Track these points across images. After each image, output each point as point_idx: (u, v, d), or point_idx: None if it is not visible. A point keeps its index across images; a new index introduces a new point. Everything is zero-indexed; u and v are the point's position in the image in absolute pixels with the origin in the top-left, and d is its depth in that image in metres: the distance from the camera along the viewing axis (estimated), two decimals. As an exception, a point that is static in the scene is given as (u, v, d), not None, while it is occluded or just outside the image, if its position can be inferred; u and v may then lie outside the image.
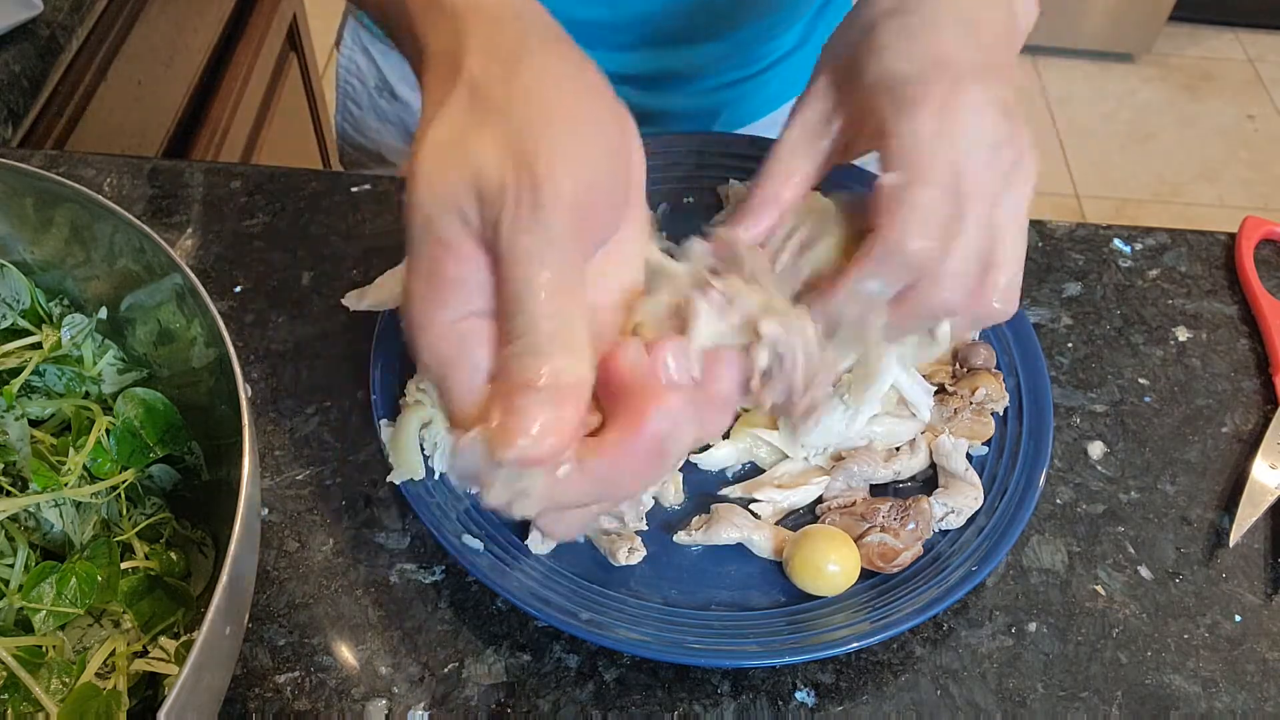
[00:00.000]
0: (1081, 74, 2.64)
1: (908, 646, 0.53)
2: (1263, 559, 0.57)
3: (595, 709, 0.51)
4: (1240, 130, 2.53)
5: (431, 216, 0.35)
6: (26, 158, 0.75)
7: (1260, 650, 0.54)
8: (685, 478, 0.57)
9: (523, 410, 0.34)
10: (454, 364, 0.36)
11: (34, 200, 0.52)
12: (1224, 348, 0.67)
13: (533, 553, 0.54)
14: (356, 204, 0.72)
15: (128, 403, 0.51)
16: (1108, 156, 2.45)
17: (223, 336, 0.46)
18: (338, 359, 0.64)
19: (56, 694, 0.43)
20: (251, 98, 1.31)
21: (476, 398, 0.36)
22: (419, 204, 0.35)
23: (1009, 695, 0.52)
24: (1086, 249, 0.72)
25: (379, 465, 0.59)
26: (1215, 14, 2.75)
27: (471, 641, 0.53)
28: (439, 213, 0.35)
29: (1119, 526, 0.58)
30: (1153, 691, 0.52)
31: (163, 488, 0.52)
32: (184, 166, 0.75)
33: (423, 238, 0.35)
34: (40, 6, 0.88)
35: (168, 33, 1.13)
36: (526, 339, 0.34)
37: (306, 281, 0.68)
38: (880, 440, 0.57)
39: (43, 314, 0.54)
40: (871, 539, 0.53)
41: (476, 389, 0.36)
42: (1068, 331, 0.67)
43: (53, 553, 0.48)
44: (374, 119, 0.90)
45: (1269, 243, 0.73)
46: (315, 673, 0.51)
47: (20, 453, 0.48)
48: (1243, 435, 0.62)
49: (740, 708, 0.51)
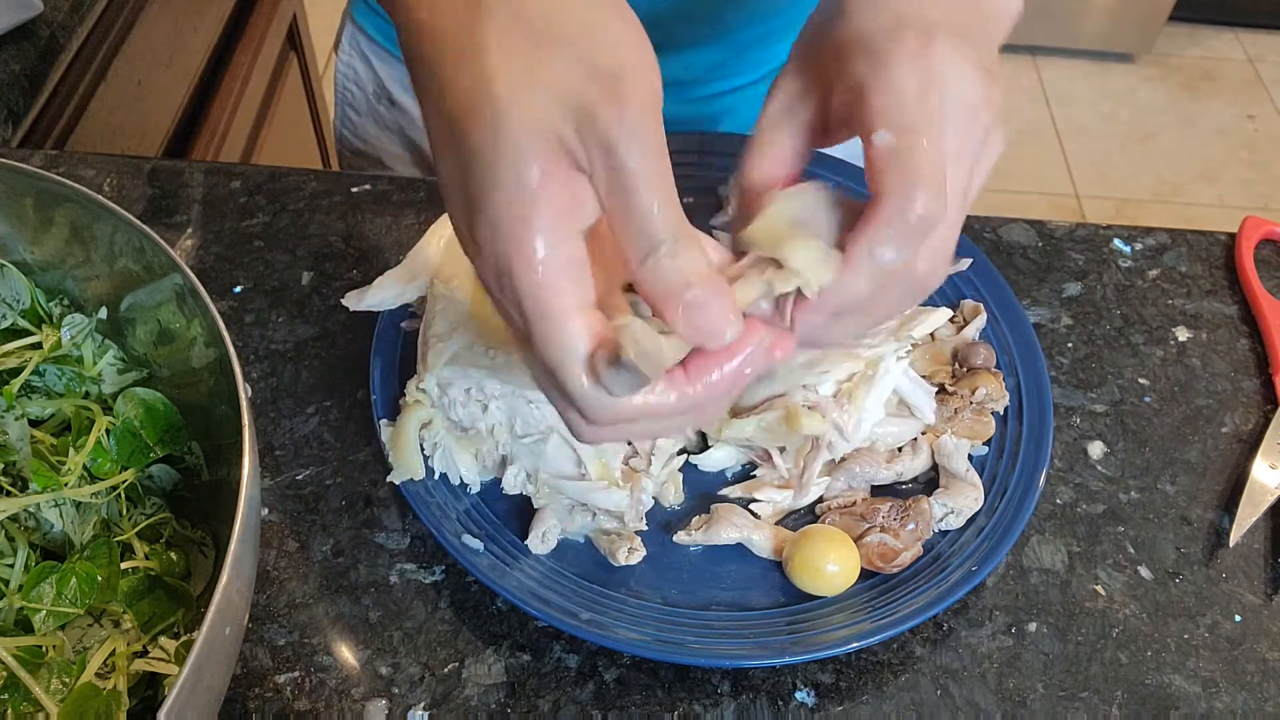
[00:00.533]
0: (1081, 74, 2.64)
1: (908, 646, 0.53)
2: (1263, 559, 0.57)
3: (595, 709, 0.51)
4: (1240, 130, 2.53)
5: (524, 144, 0.35)
6: (26, 158, 0.75)
7: (1260, 650, 0.54)
8: (685, 478, 0.57)
9: (700, 306, 0.35)
10: (568, 292, 0.36)
11: (34, 200, 0.52)
12: (1224, 348, 0.67)
13: (533, 553, 0.54)
14: (356, 204, 0.72)
15: (128, 403, 0.51)
16: (1108, 156, 2.45)
17: (223, 336, 0.46)
18: (338, 359, 0.64)
19: (56, 694, 0.43)
20: (251, 98, 1.31)
21: (590, 322, 0.36)
22: (509, 134, 0.35)
23: (1009, 695, 0.52)
24: (1086, 249, 0.72)
25: (379, 465, 0.59)
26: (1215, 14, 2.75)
27: (471, 641, 0.53)
28: (533, 140, 0.35)
29: (1119, 526, 0.58)
30: (1153, 691, 0.52)
31: (163, 488, 0.52)
32: (184, 166, 0.75)
33: (513, 169, 0.35)
34: (40, 6, 0.88)
35: (168, 33, 1.13)
36: (666, 245, 0.35)
37: (306, 281, 0.68)
38: (882, 441, 0.57)
39: (43, 314, 0.54)
40: (871, 539, 0.53)
41: (591, 315, 0.37)
42: (1068, 331, 0.67)
43: (53, 553, 0.48)
44: (373, 125, 0.90)
45: (1269, 243, 0.73)
46: (315, 673, 0.51)
47: (20, 453, 0.48)
48: (1243, 435, 0.62)
49: (740, 708, 0.51)
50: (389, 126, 0.89)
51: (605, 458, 0.53)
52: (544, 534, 0.54)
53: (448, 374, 0.53)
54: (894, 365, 0.56)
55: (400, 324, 0.61)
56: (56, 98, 0.92)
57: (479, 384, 0.53)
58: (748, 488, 0.57)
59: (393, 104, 0.87)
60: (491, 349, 0.51)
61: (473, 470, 0.56)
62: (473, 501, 0.56)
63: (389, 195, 0.73)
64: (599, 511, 0.54)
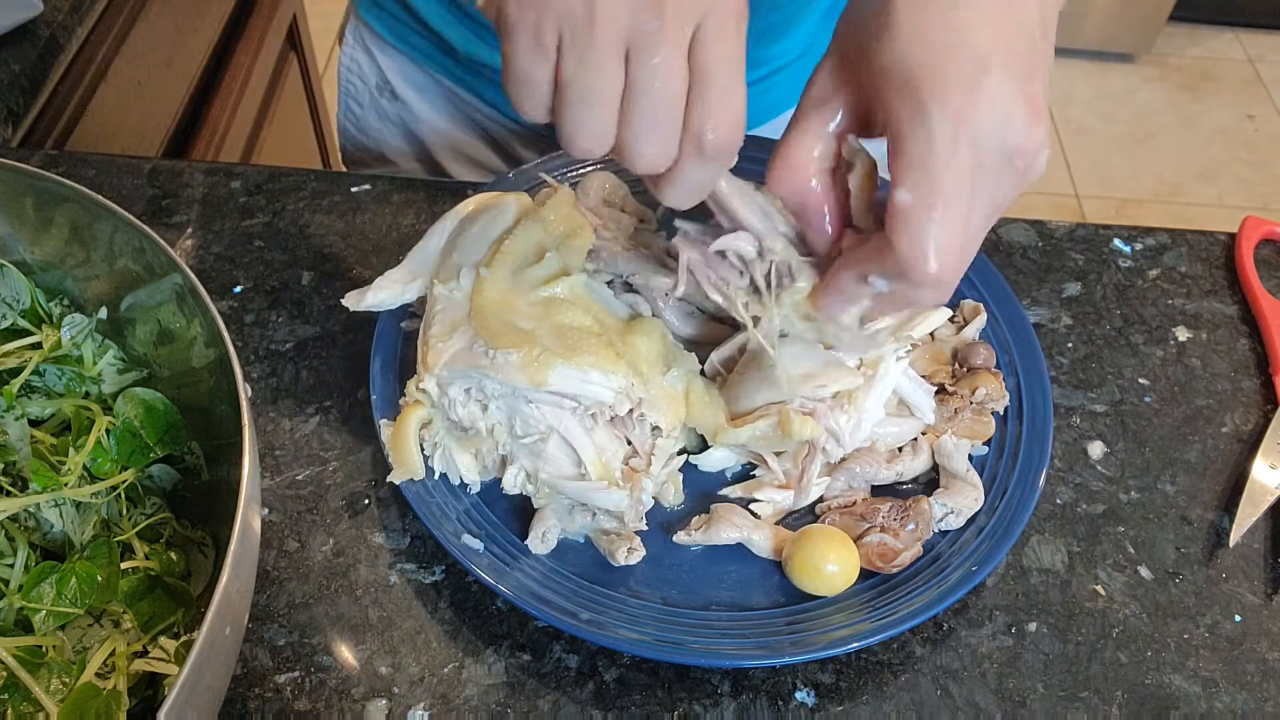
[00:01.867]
0: (1081, 74, 2.64)
1: (908, 646, 0.53)
2: (1263, 559, 0.57)
3: (595, 709, 0.51)
4: (1240, 130, 2.53)
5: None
6: (26, 158, 0.75)
7: (1260, 650, 0.54)
8: (685, 478, 0.57)
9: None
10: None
11: (34, 200, 0.52)
12: (1224, 348, 0.67)
13: (533, 553, 0.54)
14: (356, 204, 0.72)
15: (128, 403, 0.51)
16: (1108, 156, 2.45)
17: (223, 336, 0.46)
18: (338, 359, 0.64)
19: (56, 694, 0.43)
20: (251, 98, 1.31)
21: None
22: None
23: (1009, 695, 0.52)
24: (1086, 249, 0.72)
25: (379, 465, 0.59)
26: (1215, 14, 2.75)
27: (471, 641, 0.53)
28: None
29: (1119, 526, 0.58)
30: (1153, 691, 0.52)
31: (163, 488, 0.52)
32: (184, 166, 0.75)
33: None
34: (40, 6, 0.88)
35: (168, 33, 1.13)
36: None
37: (306, 281, 0.68)
38: (882, 441, 0.57)
39: (43, 314, 0.54)
40: (871, 539, 0.53)
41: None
42: (1068, 331, 0.67)
43: (53, 553, 0.48)
44: (374, 118, 0.90)
45: (1269, 243, 0.73)
46: (315, 673, 0.51)
47: (20, 453, 0.48)
48: (1243, 435, 0.62)
49: (740, 708, 0.51)
50: (391, 119, 0.89)
51: (605, 458, 0.53)
52: (544, 534, 0.54)
53: (448, 374, 0.53)
54: (894, 365, 0.56)
55: (400, 324, 0.61)
56: (56, 98, 0.92)
57: (479, 384, 0.53)
58: (748, 488, 0.57)
59: (395, 97, 0.87)
60: (491, 349, 0.51)
61: (473, 470, 0.56)
62: (473, 501, 0.56)
63: (389, 195, 0.73)
64: (599, 511, 0.54)
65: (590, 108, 0.39)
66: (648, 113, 0.39)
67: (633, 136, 0.40)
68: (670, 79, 0.39)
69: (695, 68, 0.39)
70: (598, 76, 0.39)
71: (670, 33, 0.38)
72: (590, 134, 0.40)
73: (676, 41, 0.38)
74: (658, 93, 0.39)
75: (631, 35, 0.38)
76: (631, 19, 0.38)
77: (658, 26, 0.38)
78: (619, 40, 0.38)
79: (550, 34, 0.38)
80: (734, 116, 0.40)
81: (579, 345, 0.52)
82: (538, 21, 0.38)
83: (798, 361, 0.53)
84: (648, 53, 0.38)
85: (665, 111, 0.39)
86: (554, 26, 0.38)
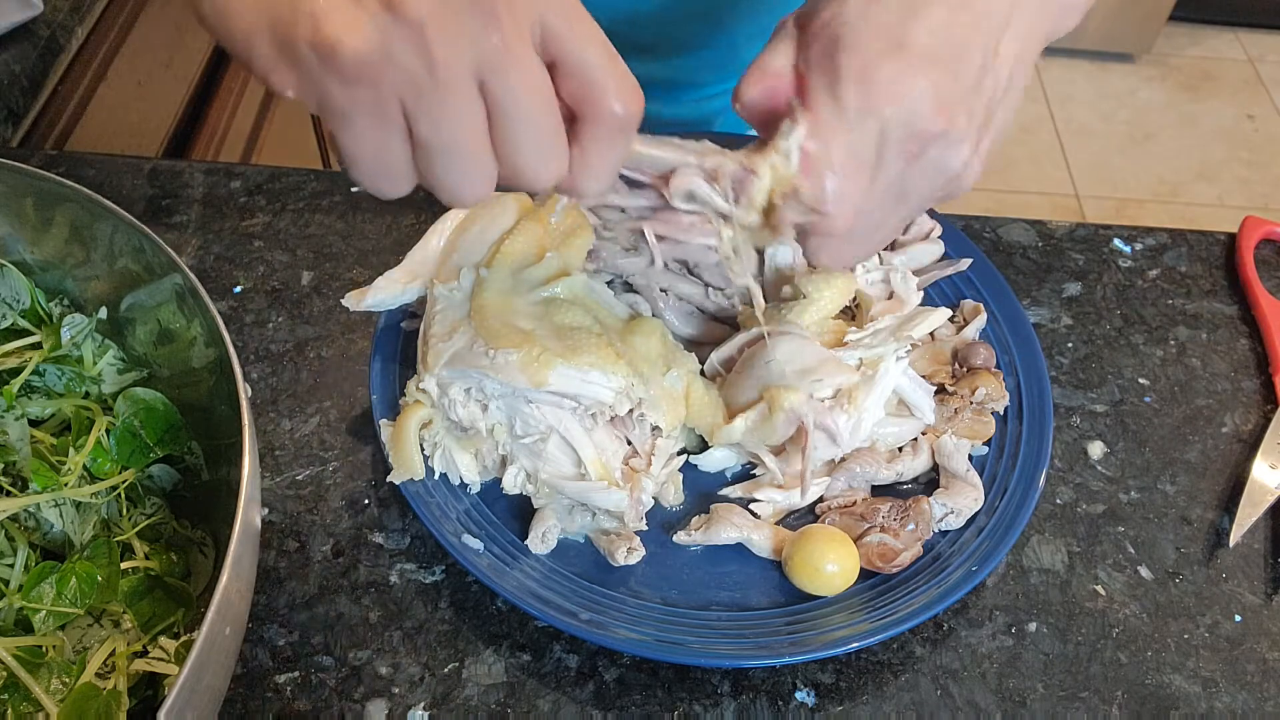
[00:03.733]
0: (1081, 74, 2.64)
1: (908, 646, 0.53)
2: (1263, 559, 0.57)
3: (595, 709, 0.51)
4: (1240, 130, 2.53)
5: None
6: (26, 158, 0.75)
7: (1260, 650, 0.54)
8: (685, 478, 0.57)
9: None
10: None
11: (34, 200, 0.52)
12: (1224, 348, 0.67)
13: (533, 553, 0.54)
14: (356, 204, 0.72)
15: (128, 403, 0.51)
16: (1108, 156, 2.45)
17: (223, 336, 0.46)
18: (338, 359, 0.64)
19: (56, 694, 0.43)
20: (251, 98, 1.31)
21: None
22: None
23: (1009, 695, 0.52)
24: (1086, 249, 0.72)
25: (379, 465, 0.59)
26: (1215, 14, 2.75)
27: (471, 641, 0.53)
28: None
29: (1119, 526, 0.58)
30: (1153, 691, 0.52)
31: (163, 488, 0.52)
32: (184, 166, 0.75)
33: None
34: (40, 6, 0.88)
35: (168, 33, 1.13)
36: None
37: (306, 281, 0.68)
38: (882, 441, 0.57)
39: (43, 314, 0.54)
40: (871, 539, 0.53)
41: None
42: (1068, 331, 0.67)
43: (53, 553, 0.48)
44: None
45: (1269, 243, 0.73)
46: (315, 673, 0.51)
47: (20, 453, 0.48)
48: (1243, 435, 0.62)
49: (740, 708, 0.51)
50: None
51: (605, 458, 0.53)
52: (544, 534, 0.54)
53: (448, 374, 0.53)
54: (894, 365, 0.56)
55: (400, 324, 0.61)
56: (56, 98, 0.92)
57: (479, 384, 0.53)
58: (747, 488, 0.57)
59: None
60: (491, 349, 0.51)
61: (473, 470, 0.56)
62: (473, 501, 0.56)
63: (389, 195, 0.73)
64: (599, 511, 0.54)
65: (463, 156, 0.36)
66: (531, 130, 0.36)
67: (523, 160, 0.37)
68: (534, 89, 0.36)
69: (564, 57, 0.37)
70: (459, 121, 0.35)
71: (514, 42, 0.35)
72: (474, 181, 0.37)
73: (525, 47, 0.35)
74: (530, 107, 0.36)
75: (478, 62, 0.34)
76: (473, 44, 0.34)
77: (499, 40, 0.34)
78: (468, 74, 0.35)
79: (393, 104, 0.35)
80: (631, 81, 0.38)
81: (579, 345, 0.52)
82: (376, 99, 0.34)
83: (794, 357, 0.53)
84: (502, 72, 0.35)
85: (544, 123, 0.37)
86: (394, 95, 0.34)
